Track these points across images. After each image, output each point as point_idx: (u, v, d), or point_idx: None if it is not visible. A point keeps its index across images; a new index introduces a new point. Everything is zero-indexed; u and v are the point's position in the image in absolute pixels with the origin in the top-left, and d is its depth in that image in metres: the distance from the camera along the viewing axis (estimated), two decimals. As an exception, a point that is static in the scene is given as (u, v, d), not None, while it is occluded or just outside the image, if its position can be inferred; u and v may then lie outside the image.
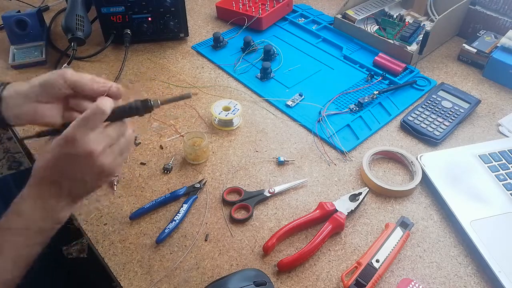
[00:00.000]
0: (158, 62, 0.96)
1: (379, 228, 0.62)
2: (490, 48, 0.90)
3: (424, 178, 0.68)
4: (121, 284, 0.56)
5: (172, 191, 0.66)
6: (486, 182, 0.66)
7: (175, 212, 0.63)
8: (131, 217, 0.62)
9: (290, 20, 1.08)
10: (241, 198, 0.66)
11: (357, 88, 0.87)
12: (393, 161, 0.73)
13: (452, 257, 0.59)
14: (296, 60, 0.95)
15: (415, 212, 0.64)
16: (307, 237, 0.62)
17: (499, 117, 0.80)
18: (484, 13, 0.95)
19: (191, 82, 0.89)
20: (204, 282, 0.56)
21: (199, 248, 0.60)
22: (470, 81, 0.89)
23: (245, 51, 0.96)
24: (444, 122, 0.76)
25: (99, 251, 0.60)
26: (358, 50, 0.97)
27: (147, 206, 0.63)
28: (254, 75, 0.91)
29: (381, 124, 0.78)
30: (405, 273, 0.57)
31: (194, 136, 0.72)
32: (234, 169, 0.71)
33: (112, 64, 0.95)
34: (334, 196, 0.67)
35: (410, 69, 0.90)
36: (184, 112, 0.82)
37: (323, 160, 0.72)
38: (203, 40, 1.02)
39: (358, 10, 1.02)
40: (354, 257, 0.59)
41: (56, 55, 0.96)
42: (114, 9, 0.92)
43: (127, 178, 0.70)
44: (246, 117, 0.81)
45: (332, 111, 0.81)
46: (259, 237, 0.61)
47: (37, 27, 0.98)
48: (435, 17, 1.00)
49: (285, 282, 0.56)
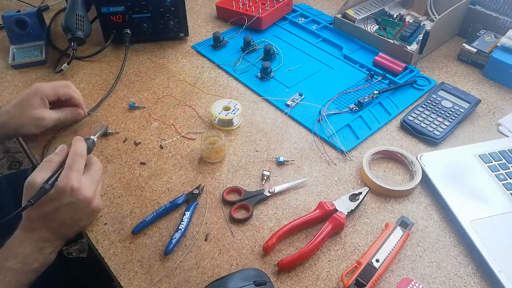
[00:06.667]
0: (158, 62, 0.96)
1: (379, 228, 0.62)
2: (490, 47, 0.90)
3: (424, 178, 0.68)
4: (121, 284, 0.56)
5: (172, 200, 0.65)
6: (486, 182, 0.66)
7: (175, 219, 0.63)
8: (133, 232, 0.61)
9: (290, 19, 1.08)
10: (241, 198, 0.66)
11: (357, 87, 0.87)
12: (393, 161, 0.73)
13: (452, 256, 0.59)
14: (296, 60, 0.95)
15: (415, 211, 0.64)
16: (307, 237, 0.62)
17: (499, 117, 0.80)
18: (484, 13, 0.95)
19: (191, 82, 0.89)
20: (204, 281, 0.56)
21: (199, 247, 0.60)
22: (470, 81, 0.89)
23: (245, 51, 0.96)
24: (444, 122, 0.76)
25: (99, 251, 0.60)
26: (358, 50, 0.97)
27: (149, 219, 0.62)
28: (254, 75, 0.91)
29: (381, 124, 0.78)
30: (405, 272, 0.57)
31: (211, 135, 0.72)
32: (234, 169, 0.71)
33: (112, 64, 0.95)
34: (334, 196, 0.67)
35: (410, 69, 0.90)
36: (184, 112, 0.82)
37: (323, 160, 0.72)
38: (203, 40, 1.02)
39: (358, 9, 1.02)
40: (354, 257, 0.59)
41: (56, 54, 0.96)
42: (114, 8, 0.92)
43: (127, 178, 0.70)
44: (246, 117, 0.81)
45: (332, 111, 0.81)
46: (259, 237, 0.61)
47: (37, 27, 0.98)
48: (435, 16, 1.00)
49: (285, 282, 0.56)
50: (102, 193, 0.67)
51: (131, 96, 0.86)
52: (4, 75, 0.92)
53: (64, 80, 0.77)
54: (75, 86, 0.76)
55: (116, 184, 0.69)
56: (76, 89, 0.76)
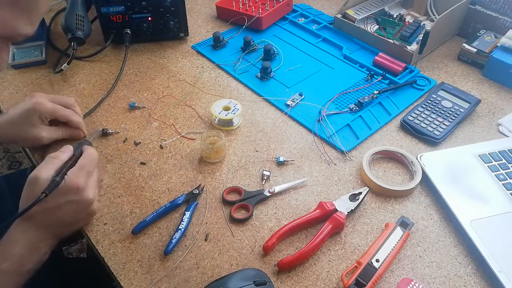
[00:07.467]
0: (158, 61, 0.96)
1: (379, 228, 0.62)
2: (490, 47, 0.90)
3: (424, 177, 0.68)
4: (121, 284, 0.56)
5: (172, 200, 0.65)
6: (486, 181, 0.66)
7: (175, 219, 0.63)
8: (133, 232, 0.61)
9: (290, 19, 1.08)
10: (241, 197, 0.66)
11: (357, 87, 0.87)
12: (393, 161, 0.73)
13: (452, 256, 0.59)
14: (296, 60, 0.95)
15: (415, 211, 0.64)
16: (307, 236, 0.62)
17: (499, 117, 0.80)
18: (484, 13, 0.95)
19: (191, 82, 0.89)
20: (204, 281, 0.56)
21: (199, 247, 0.60)
22: (470, 81, 0.89)
23: (245, 51, 0.96)
24: (444, 122, 0.76)
25: (99, 251, 0.60)
26: (358, 50, 0.97)
27: (149, 219, 0.62)
28: (254, 74, 0.91)
29: (381, 124, 0.78)
30: (405, 272, 0.57)
31: (211, 135, 0.72)
32: (234, 169, 0.71)
33: (112, 64, 0.95)
34: (334, 196, 0.67)
35: (410, 69, 0.90)
36: (184, 112, 0.82)
37: (323, 160, 0.72)
38: (203, 39, 1.02)
39: (358, 9, 1.02)
40: (354, 257, 0.59)
41: (56, 54, 0.96)
42: (114, 8, 0.92)
43: (127, 178, 0.70)
44: (246, 117, 0.81)
45: (332, 111, 0.81)
46: (259, 237, 0.61)
47: (37, 27, 0.97)
48: (435, 16, 1.00)
49: (285, 282, 0.56)
50: (102, 193, 0.67)
51: (131, 96, 0.86)
52: (4, 75, 0.92)
53: (69, 97, 0.75)
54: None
55: (116, 184, 0.69)
56: (78, 108, 0.75)
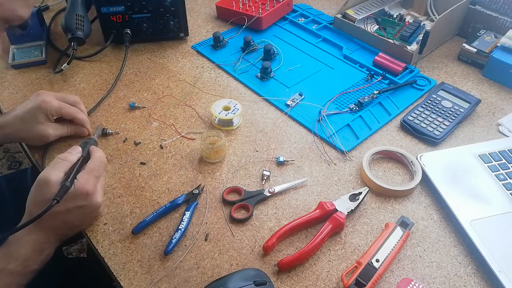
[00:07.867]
0: (158, 61, 0.96)
1: (379, 228, 0.62)
2: (490, 47, 0.90)
3: (424, 178, 0.68)
4: (121, 284, 0.56)
5: (172, 200, 0.65)
6: (486, 181, 0.66)
7: (175, 219, 0.63)
8: (133, 232, 0.61)
9: (290, 19, 1.08)
10: (241, 197, 0.66)
11: (357, 87, 0.87)
12: (393, 161, 0.73)
13: (452, 256, 0.59)
14: (296, 60, 0.95)
15: (415, 211, 0.64)
16: (307, 236, 0.62)
17: (499, 117, 0.80)
18: (484, 13, 0.95)
19: (191, 82, 0.89)
20: (204, 281, 0.56)
21: (199, 247, 0.60)
22: (470, 81, 0.89)
23: (245, 51, 0.96)
24: (444, 122, 0.76)
25: (99, 251, 0.60)
26: (358, 50, 0.97)
27: (149, 219, 0.62)
28: (254, 74, 0.91)
29: (381, 124, 0.78)
30: (405, 272, 0.57)
31: (211, 135, 0.72)
32: (234, 169, 0.71)
33: (112, 64, 0.95)
34: (334, 196, 0.67)
35: (410, 69, 0.90)
36: (184, 112, 0.82)
37: (323, 160, 0.72)
38: (203, 39, 1.02)
39: (358, 9, 1.02)
40: (354, 257, 0.59)
41: (56, 54, 0.96)
42: (114, 8, 0.92)
43: (127, 178, 0.70)
44: (246, 117, 0.81)
45: (332, 111, 0.81)
46: (259, 237, 0.61)
47: (37, 27, 0.98)
48: (435, 16, 1.00)
49: (285, 282, 0.56)
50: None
51: (131, 96, 0.86)
52: (4, 75, 0.92)
53: (73, 96, 0.76)
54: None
55: (116, 184, 0.69)
56: (83, 106, 0.76)
